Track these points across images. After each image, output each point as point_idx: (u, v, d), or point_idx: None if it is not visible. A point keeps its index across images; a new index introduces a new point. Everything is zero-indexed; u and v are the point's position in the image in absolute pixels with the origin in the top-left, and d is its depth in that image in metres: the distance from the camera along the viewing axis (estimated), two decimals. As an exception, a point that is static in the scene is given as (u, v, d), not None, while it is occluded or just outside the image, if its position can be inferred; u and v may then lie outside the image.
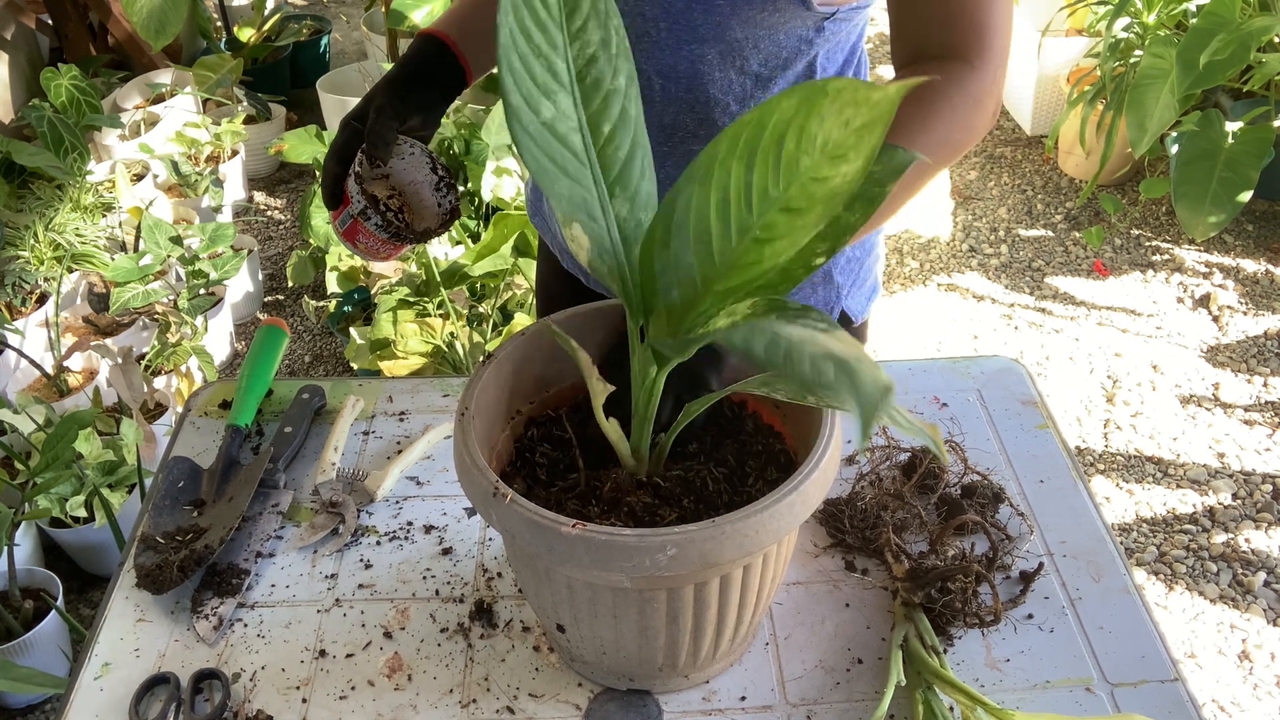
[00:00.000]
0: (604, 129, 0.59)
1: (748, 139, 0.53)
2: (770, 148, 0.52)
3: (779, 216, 0.55)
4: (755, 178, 0.54)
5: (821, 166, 0.51)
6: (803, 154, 0.52)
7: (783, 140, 0.52)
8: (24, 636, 1.78)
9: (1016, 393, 1.09)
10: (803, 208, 0.54)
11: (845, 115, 0.49)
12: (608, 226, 0.63)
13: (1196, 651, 1.92)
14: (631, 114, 0.60)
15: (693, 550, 0.66)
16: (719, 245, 0.59)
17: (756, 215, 0.55)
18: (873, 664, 0.84)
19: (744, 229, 0.57)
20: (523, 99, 0.56)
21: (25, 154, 2.57)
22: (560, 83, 0.57)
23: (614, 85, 0.58)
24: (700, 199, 0.57)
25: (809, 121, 0.51)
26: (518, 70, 0.55)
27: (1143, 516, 2.19)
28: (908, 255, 3.00)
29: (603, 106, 0.59)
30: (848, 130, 0.50)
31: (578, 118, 0.58)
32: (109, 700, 0.83)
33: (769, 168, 0.53)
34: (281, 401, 1.11)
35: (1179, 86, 2.41)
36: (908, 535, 0.93)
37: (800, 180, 0.52)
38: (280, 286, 2.98)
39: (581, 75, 0.57)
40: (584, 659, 0.81)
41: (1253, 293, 2.77)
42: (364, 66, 3.45)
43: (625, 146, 0.61)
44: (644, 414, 0.73)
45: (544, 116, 0.57)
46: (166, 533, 0.96)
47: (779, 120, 0.52)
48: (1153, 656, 0.84)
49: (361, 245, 1.00)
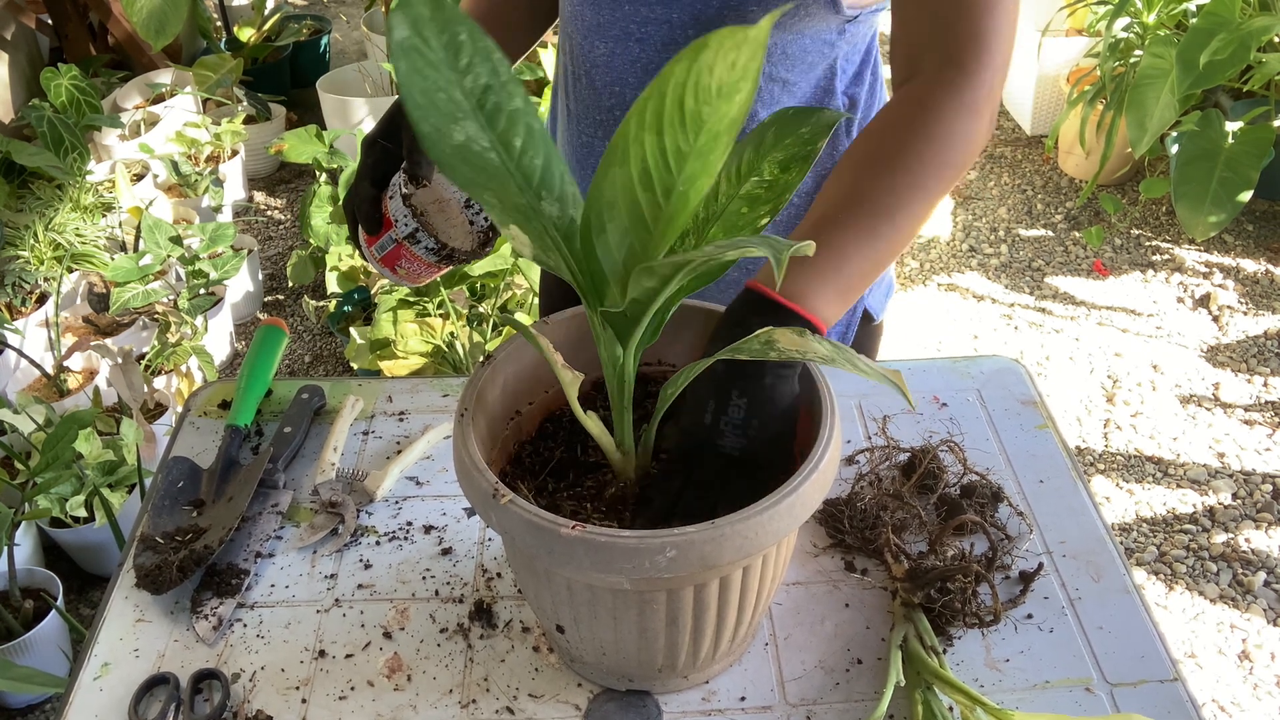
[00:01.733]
0: (515, 144, 0.63)
1: (653, 110, 0.57)
2: (674, 110, 0.57)
3: (695, 164, 0.59)
4: (668, 141, 0.58)
5: (720, 107, 0.56)
6: (702, 105, 0.56)
7: (683, 100, 0.56)
8: (24, 636, 1.78)
9: (1016, 393, 1.09)
10: (711, 145, 0.59)
11: (730, 58, 0.54)
12: (544, 226, 0.66)
13: (1196, 651, 1.92)
14: (536, 129, 0.64)
15: (692, 552, 0.66)
16: (649, 212, 0.63)
17: (678, 173, 0.60)
18: (872, 664, 0.84)
19: (669, 189, 0.61)
20: (434, 128, 0.60)
21: (25, 154, 2.57)
22: (464, 111, 0.60)
23: (513, 106, 0.62)
24: (624, 178, 0.61)
25: (701, 76, 0.55)
26: (422, 105, 0.59)
27: (1143, 516, 2.19)
28: (908, 255, 3.00)
29: (509, 126, 0.63)
30: (735, 69, 0.54)
31: (489, 138, 0.62)
32: (109, 700, 0.83)
33: (677, 129, 0.58)
34: (281, 401, 1.11)
35: (1179, 86, 2.41)
36: (907, 535, 0.93)
37: (707, 126, 0.57)
38: (280, 286, 2.98)
39: (481, 103, 0.61)
40: (583, 659, 0.81)
41: (1253, 293, 2.77)
42: (364, 66, 3.45)
43: (540, 157, 0.65)
44: (620, 403, 0.74)
45: (456, 140, 0.61)
46: (166, 533, 0.96)
47: (675, 84, 0.56)
48: (1152, 656, 0.84)
49: (403, 270, 0.95)
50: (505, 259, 2.21)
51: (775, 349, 0.68)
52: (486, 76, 0.60)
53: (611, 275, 0.68)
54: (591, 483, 0.80)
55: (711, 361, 0.72)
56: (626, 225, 0.64)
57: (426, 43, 0.57)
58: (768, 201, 0.75)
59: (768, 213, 0.75)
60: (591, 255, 0.66)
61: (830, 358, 0.66)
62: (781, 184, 0.76)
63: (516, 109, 0.62)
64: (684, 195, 0.61)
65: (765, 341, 0.68)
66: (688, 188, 0.61)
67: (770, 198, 0.76)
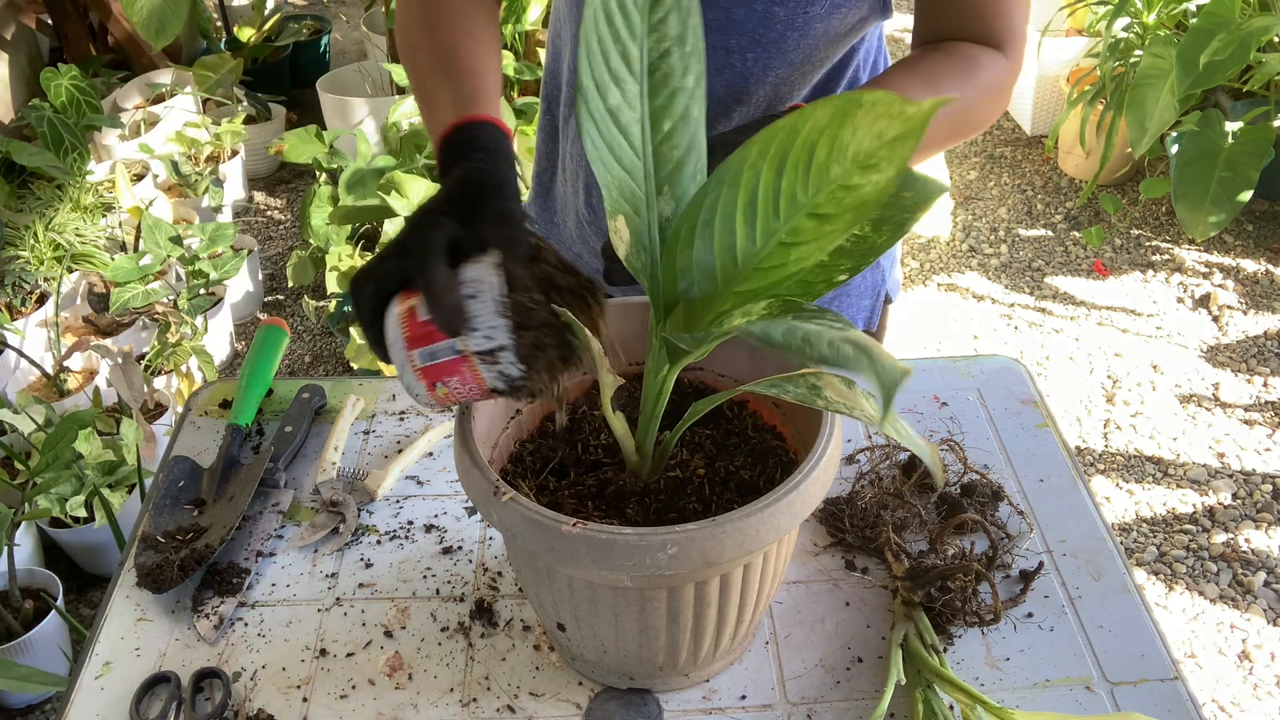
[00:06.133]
0: (664, 125, 0.59)
1: (779, 145, 0.53)
2: (801, 154, 0.53)
3: (806, 222, 0.55)
4: (784, 183, 0.54)
5: (852, 175, 0.52)
6: (834, 162, 0.52)
7: (814, 148, 0.52)
8: (24, 636, 1.78)
9: (1016, 392, 1.09)
10: (831, 214, 0.54)
11: (879, 127, 0.50)
12: (649, 224, 0.63)
13: (1196, 651, 1.92)
14: (694, 114, 0.60)
15: (693, 549, 0.66)
16: (743, 247, 0.59)
17: (784, 219, 0.56)
18: (873, 663, 0.84)
19: (769, 232, 0.57)
20: (594, 82, 0.56)
21: (25, 154, 2.57)
22: (632, 71, 0.57)
23: (682, 83, 0.58)
24: (727, 201, 0.57)
25: (841, 131, 0.51)
26: (595, 53, 0.55)
27: (1143, 516, 2.19)
28: (908, 255, 3.00)
29: (668, 102, 0.59)
30: (880, 142, 0.50)
31: (641, 109, 0.58)
32: (109, 699, 0.83)
33: (799, 174, 0.54)
34: (282, 401, 1.11)
35: (1179, 86, 2.41)
36: (907, 534, 0.93)
37: (829, 188, 0.53)
38: (280, 286, 2.98)
39: (653, 67, 0.57)
40: (584, 658, 0.81)
41: (1253, 293, 2.77)
42: (364, 66, 3.45)
43: (682, 146, 0.61)
44: (652, 410, 0.74)
45: (610, 102, 0.57)
46: (167, 532, 0.96)
47: (812, 128, 0.52)
48: (1152, 655, 0.84)
49: (443, 390, 0.70)
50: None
51: (822, 396, 0.64)
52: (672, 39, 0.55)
53: (684, 295, 0.63)
54: (592, 481, 0.80)
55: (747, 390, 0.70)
56: (715, 250, 0.59)
57: None
58: (851, 257, 0.65)
59: (848, 270, 0.65)
60: (670, 267, 0.62)
61: (875, 419, 0.61)
62: (869, 244, 0.64)
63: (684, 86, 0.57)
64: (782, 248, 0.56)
65: (812, 386, 0.64)
66: (790, 241, 0.55)
67: (855, 254, 0.65)
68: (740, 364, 0.86)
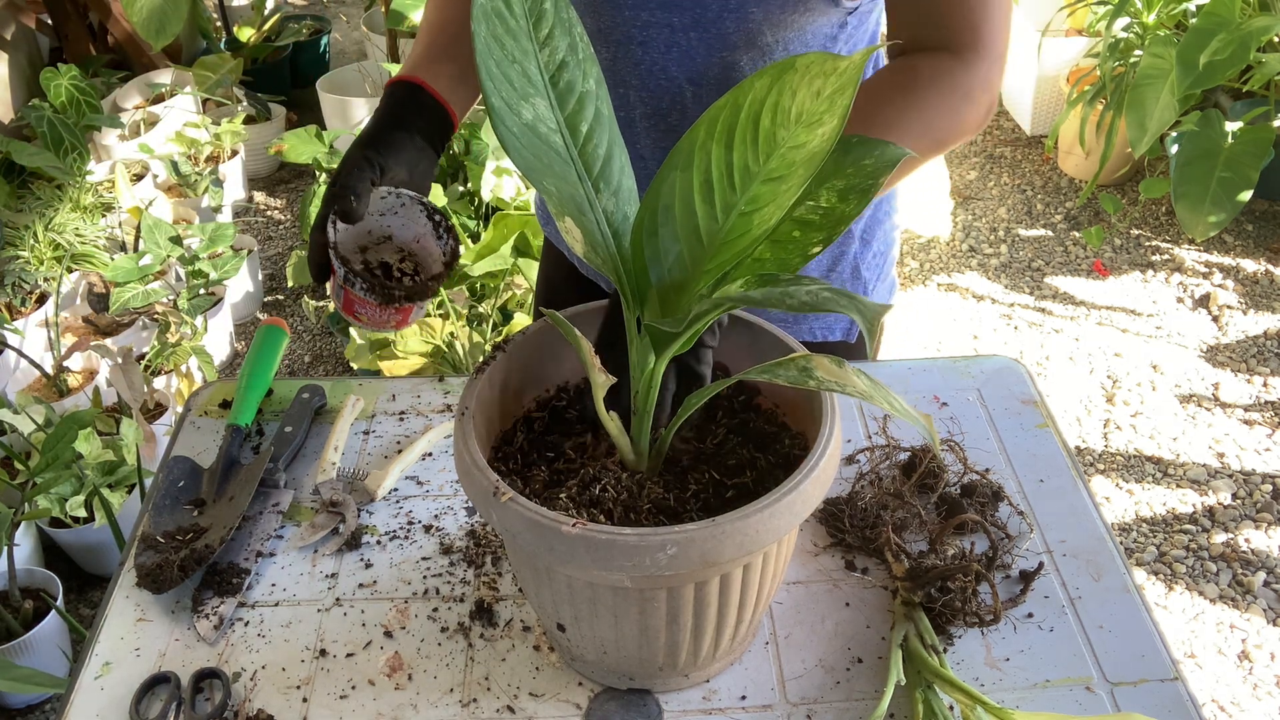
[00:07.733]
0: (582, 129, 0.62)
1: (725, 121, 0.56)
2: (747, 126, 0.55)
3: (762, 189, 0.57)
4: (735, 157, 0.57)
5: (798, 134, 0.54)
6: (779, 127, 0.55)
7: (758, 118, 0.55)
8: (24, 636, 1.78)
9: (1016, 392, 1.09)
10: (785, 174, 0.56)
11: (815, 86, 0.52)
12: (597, 220, 0.65)
13: (1196, 651, 1.92)
14: (605, 114, 0.63)
15: (693, 549, 0.66)
16: (705, 225, 0.61)
17: (740, 191, 0.58)
18: (873, 663, 0.84)
19: (729, 206, 0.59)
20: (503, 102, 0.59)
21: (25, 154, 2.57)
22: (535, 87, 0.60)
23: (585, 88, 0.61)
24: (684, 184, 0.59)
25: (781, 97, 0.54)
26: (495, 76, 0.58)
27: (1143, 516, 2.20)
28: (908, 255, 3.00)
29: (578, 108, 0.62)
30: (820, 99, 0.53)
31: (556, 119, 0.61)
32: (109, 700, 0.83)
33: (748, 145, 0.56)
34: (282, 401, 1.11)
35: (1179, 86, 2.41)
36: (908, 534, 0.93)
37: (779, 150, 0.55)
38: (280, 286, 2.98)
39: (554, 80, 0.60)
40: (584, 658, 0.81)
41: (1253, 293, 2.77)
42: (364, 66, 3.45)
43: (604, 145, 0.63)
44: (644, 407, 0.74)
45: (525, 119, 0.60)
46: (167, 532, 0.96)
47: (753, 100, 0.54)
48: (1152, 656, 0.84)
49: (364, 316, 0.90)
50: (505, 259, 2.21)
51: (813, 377, 0.65)
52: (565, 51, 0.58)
53: (657, 283, 0.65)
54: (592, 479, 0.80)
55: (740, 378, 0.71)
56: (679, 234, 0.61)
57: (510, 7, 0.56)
58: (822, 229, 0.68)
59: (820, 241, 0.68)
60: (639, 258, 0.64)
61: (868, 393, 0.63)
62: (838, 214, 0.68)
63: (588, 91, 0.60)
64: (744, 218, 0.58)
65: (803, 369, 0.66)
66: (750, 209, 0.58)
67: (825, 225, 0.68)
68: (741, 360, 0.86)
